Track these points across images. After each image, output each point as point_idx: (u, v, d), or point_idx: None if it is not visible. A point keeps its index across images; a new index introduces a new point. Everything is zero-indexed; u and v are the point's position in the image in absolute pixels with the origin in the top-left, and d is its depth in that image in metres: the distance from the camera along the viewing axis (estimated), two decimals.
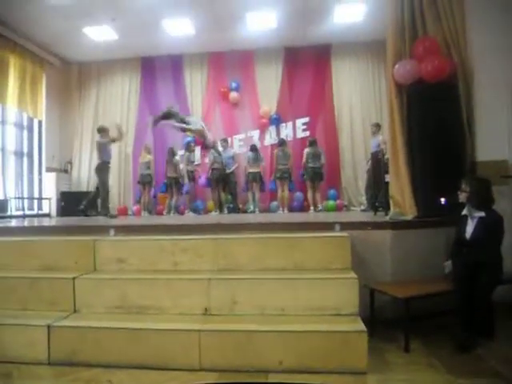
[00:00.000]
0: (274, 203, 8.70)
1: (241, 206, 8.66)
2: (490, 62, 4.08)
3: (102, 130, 7.01)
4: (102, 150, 6.78)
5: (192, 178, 8.61)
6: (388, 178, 4.52)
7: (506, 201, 3.87)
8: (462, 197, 3.31)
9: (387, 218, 4.16)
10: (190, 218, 6.55)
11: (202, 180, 8.85)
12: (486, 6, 4.15)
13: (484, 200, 3.22)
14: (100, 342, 2.82)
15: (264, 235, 3.60)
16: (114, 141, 7.04)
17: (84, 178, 9.72)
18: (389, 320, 3.33)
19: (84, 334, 2.87)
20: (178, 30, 8.25)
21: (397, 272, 3.64)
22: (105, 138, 6.89)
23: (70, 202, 8.29)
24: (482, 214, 3.18)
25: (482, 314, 3.16)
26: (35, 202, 8.99)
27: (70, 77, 10.02)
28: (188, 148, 8.68)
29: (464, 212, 3.32)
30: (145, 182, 8.41)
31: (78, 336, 2.87)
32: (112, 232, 3.93)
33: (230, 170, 8.43)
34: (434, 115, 3.99)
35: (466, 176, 3.47)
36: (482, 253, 3.09)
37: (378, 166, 5.40)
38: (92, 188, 9.26)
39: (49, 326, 2.89)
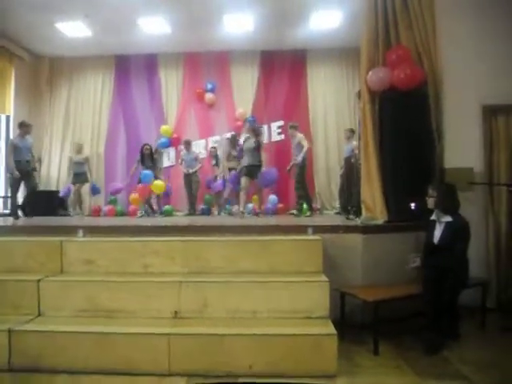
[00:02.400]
0: (250, 205, 8.68)
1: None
2: (459, 72, 4.21)
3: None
4: None
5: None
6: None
7: (472, 207, 4.00)
8: (430, 202, 3.40)
9: (358, 222, 4.22)
10: (158, 220, 6.41)
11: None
12: (456, 17, 4.29)
13: (450, 205, 3.32)
14: (65, 346, 2.73)
15: (237, 238, 3.58)
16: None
17: (53, 176, 9.43)
18: (359, 323, 3.38)
19: (48, 339, 2.77)
20: (154, 28, 8.12)
21: (367, 275, 3.70)
22: None
23: (38, 202, 8.00)
24: (449, 218, 3.28)
25: (448, 316, 3.26)
26: (1, 200, 8.64)
27: (41, 72, 9.70)
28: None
29: (432, 217, 3.41)
30: (79, 181, 8.06)
31: (42, 341, 2.76)
32: (81, 233, 3.81)
33: (193, 171, 8.22)
34: (405, 122, 4.08)
35: (433, 182, 3.56)
36: (449, 257, 3.17)
37: (351, 171, 5.48)
38: (61, 187, 9.03)
39: (10, 330, 2.77)
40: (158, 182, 7.40)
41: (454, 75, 4.22)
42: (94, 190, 8.49)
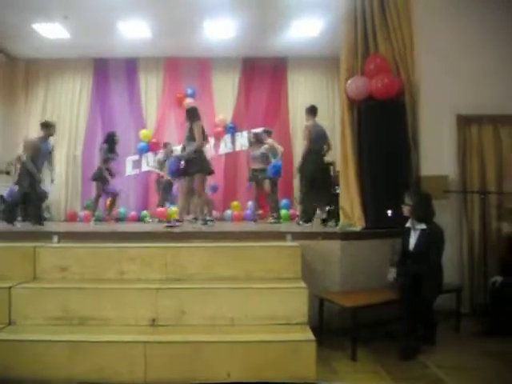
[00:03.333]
0: (228, 212, 8.66)
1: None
2: (435, 83, 4.32)
3: None
4: None
5: None
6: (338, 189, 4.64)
7: (447, 214, 4.10)
8: (406, 210, 3.46)
9: (337, 229, 4.26)
10: (136, 226, 6.31)
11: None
12: (434, 29, 4.39)
13: (425, 213, 3.38)
14: (37, 356, 2.65)
15: (214, 244, 3.56)
16: None
17: None
18: (337, 329, 3.39)
19: (18, 348, 2.68)
20: (134, 32, 8.04)
21: (345, 281, 3.73)
22: None
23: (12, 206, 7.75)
24: (424, 226, 3.35)
25: (424, 321, 3.31)
26: None
27: (16, 74, 9.44)
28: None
29: (408, 224, 3.47)
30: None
31: (12, 350, 2.67)
32: (55, 239, 3.72)
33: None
34: (382, 131, 4.15)
35: (408, 191, 3.63)
36: (424, 263, 3.23)
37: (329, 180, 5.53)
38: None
39: None
40: None
41: (430, 85, 4.32)
42: None
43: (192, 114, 5.29)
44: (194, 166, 5.01)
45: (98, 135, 9.24)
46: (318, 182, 5.40)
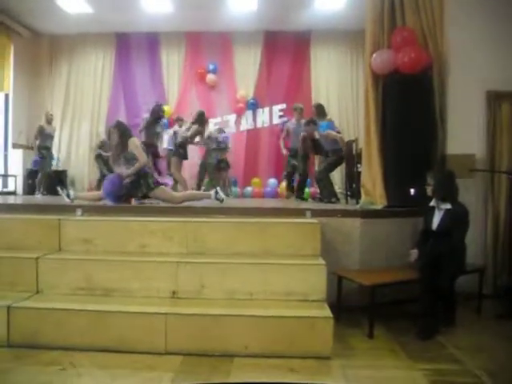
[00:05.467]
0: (249, 188, 8.69)
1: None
2: (465, 57, 4.14)
3: None
4: None
5: None
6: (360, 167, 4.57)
7: (471, 194, 3.99)
8: (429, 190, 3.38)
9: (357, 207, 4.21)
10: None
11: None
12: (464, 2, 4.19)
13: (448, 192, 3.29)
14: (62, 323, 2.75)
15: (235, 219, 3.58)
16: None
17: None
18: (355, 307, 3.40)
19: (45, 316, 2.79)
20: (156, 6, 7.98)
21: (364, 260, 3.71)
22: None
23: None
24: (448, 206, 3.26)
25: (444, 302, 3.28)
26: (0, 179, 8.64)
27: (40, 49, 9.56)
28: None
29: (432, 203, 3.39)
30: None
31: (40, 317, 2.79)
32: (79, 212, 3.81)
33: None
34: (408, 106, 4.03)
35: (431, 170, 3.53)
36: (447, 243, 3.17)
37: (351, 157, 5.44)
38: (61, 166, 9.03)
39: (9, 307, 2.79)
40: None
41: (460, 60, 4.15)
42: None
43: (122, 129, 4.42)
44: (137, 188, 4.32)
45: (121, 111, 9.32)
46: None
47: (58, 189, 4.43)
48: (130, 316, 2.78)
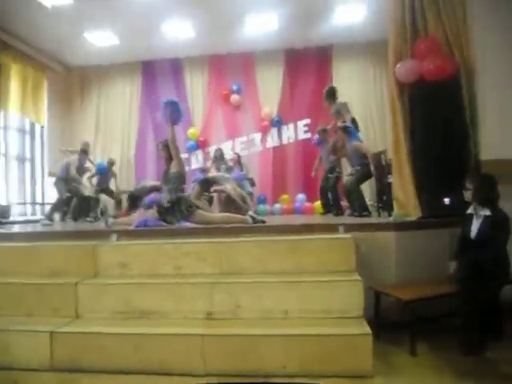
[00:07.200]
0: (277, 205, 8.68)
1: None
2: (493, 60, 4.02)
3: None
4: None
5: None
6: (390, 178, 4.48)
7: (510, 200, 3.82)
8: (468, 195, 3.25)
9: (391, 220, 4.12)
10: None
11: None
12: (488, 3, 4.11)
13: (487, 197, 3.16)
14: (102, 347, 2.80)
15: (266, 238, 3.57)
16: None
17: (86, 182, 9.70)
18: (395, 322, 3.29)
19: (86, 340, 2.85)
20: (178, 32, 8.24)
21: (401, 273, 3.60)
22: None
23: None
24: (488, 212, 3.13)
25: (488, 315, 3.12)
26: (38, 207, 8.98)
27: (72, 82, 10.03)
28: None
29: (469, 211, 3.27)
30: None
31: (81, 342, 2.85)
32: (114, 237, 3.89)
33: None
34: (436, 114, 3.95)
35: (469, 174, 3.41)
36: (487, 252, 3.03)
37: (380, 168, 5.35)
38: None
39: (52, 332, 2.86)
40: None
41: (488, 64, 4.00)
42: None
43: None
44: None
45: (149, 136, 9.59)
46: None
47: (90, 218, 4.60)
48: (168, 338, 2.79)
